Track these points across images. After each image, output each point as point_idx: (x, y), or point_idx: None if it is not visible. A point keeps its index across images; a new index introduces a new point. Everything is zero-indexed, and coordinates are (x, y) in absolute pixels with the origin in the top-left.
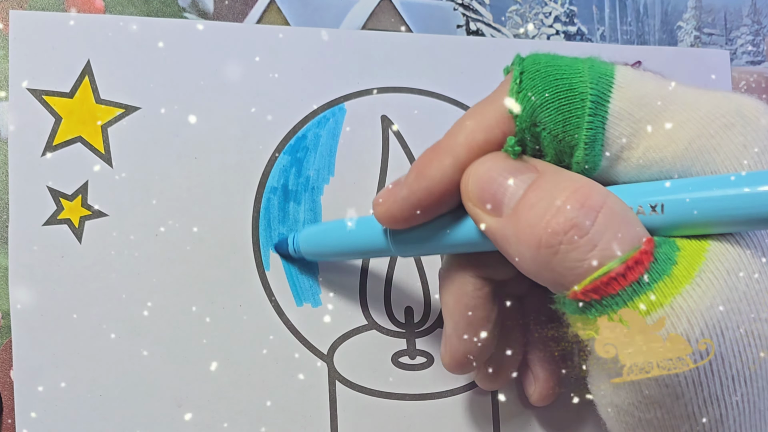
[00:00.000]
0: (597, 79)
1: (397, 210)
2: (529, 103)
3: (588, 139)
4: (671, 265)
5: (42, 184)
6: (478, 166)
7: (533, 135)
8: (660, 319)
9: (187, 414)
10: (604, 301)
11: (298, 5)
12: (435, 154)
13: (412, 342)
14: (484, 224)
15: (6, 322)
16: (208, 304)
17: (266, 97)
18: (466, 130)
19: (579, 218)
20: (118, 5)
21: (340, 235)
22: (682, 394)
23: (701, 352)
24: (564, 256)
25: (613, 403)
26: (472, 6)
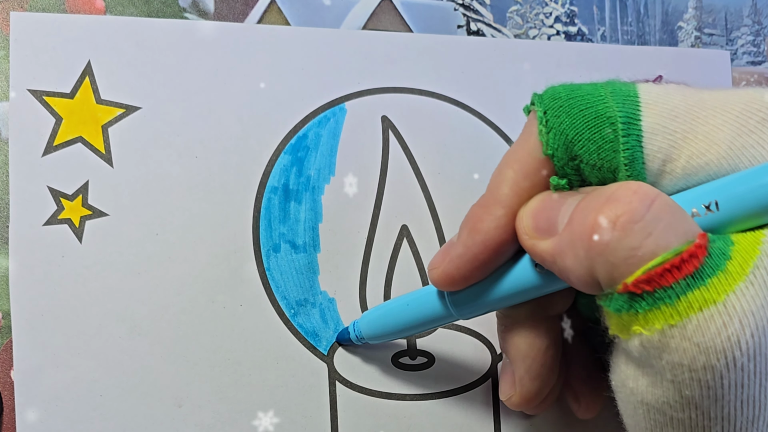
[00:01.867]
0: (622, 101)
1: (454, 269)
2: (562, 139)
3: (626, 160)
4: (725, 260)
5: (42, 184)
6: (529, 204)
7: (573, 169)
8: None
9: (187, 414)
10: (657, 294)
11: (298, 5)
12: (484, 208)
13: (412, 342)
14: (542, 251)
15: (6, 322)
16: (209, 304)
17: (267, 96)
18: (509, 180)
19: (633, 204)
20: (118, 6)
21: (399, 313)
22: (722, 396)
23: (749, 354)
24: (618, 244)
25: (645, 402)
26: (472, 6)
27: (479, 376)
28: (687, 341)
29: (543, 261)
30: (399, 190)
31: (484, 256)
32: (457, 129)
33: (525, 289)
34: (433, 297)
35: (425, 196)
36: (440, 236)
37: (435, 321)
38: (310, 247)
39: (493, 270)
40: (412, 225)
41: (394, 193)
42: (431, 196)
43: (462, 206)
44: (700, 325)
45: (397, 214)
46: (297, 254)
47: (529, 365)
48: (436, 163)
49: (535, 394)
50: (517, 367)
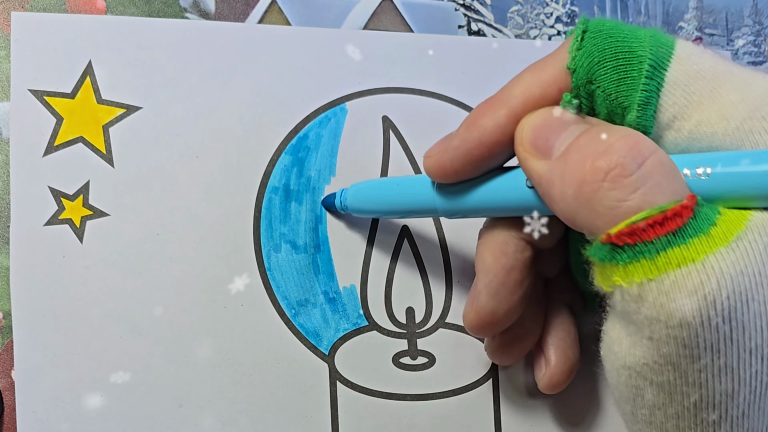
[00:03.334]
0: (657, 46)
1: (447, 160)
2: (588, 60)
3: (642, 101)
4: (710, 225)
5: (43, 184)
6: (534, 115)
7: (588, 93)
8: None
9: (187, 414)
10: (637, 248)
11: (299, 6)
12: (489, 106)
13: (413, 342)
14: (533, 169)
15: (7, 322)
16: (209, 304)
17: (268, 96)
18: (523, 83)
19: (626, 159)
20: (119, 6)
21: (388, 191)
22: (698, 357)
23: (724, 315)
24: (605, 194)
25: (627, 365)
26: (473, 6)
27: (480, 377)
28: (664, 296)
29: (531, 179)
30: None
31: (478, 152)
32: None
33: (511, 201)
34: (422, 184)
35: None
36: (440, 236)
37: (418, 209)
38: (311, 248)
39: (485, 170)
40: (413, 226)
41: None
42: None
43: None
44: (677, 281)
45: None
46: (298, 254)
47: (490, 280)
48: None
49: (488, 313)
50: (478, 280)
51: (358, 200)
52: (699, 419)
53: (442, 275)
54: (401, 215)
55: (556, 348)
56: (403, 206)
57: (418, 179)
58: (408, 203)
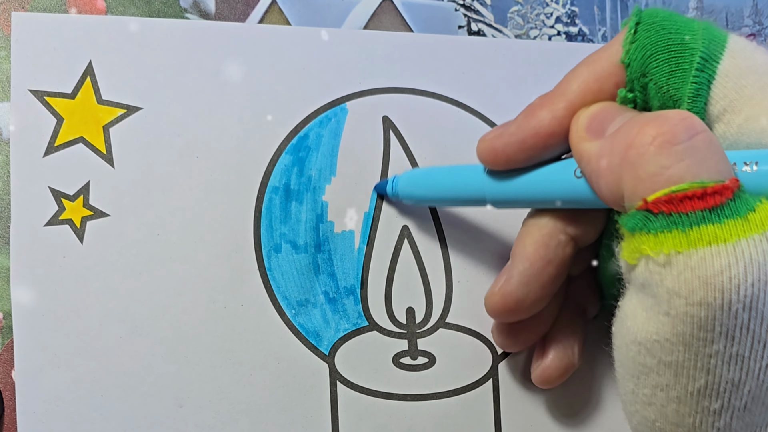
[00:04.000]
0: (710, 39)
1: (501, 146)
2: (642, 53)
3: (692, 93)
4: (748, 210)
5: (43, 184)
6: (591, 107)
7: (642, 86)
8: (717, 253)
9: (188, 414)
10: (672, 218)
11: (299, 6)
12: (548, 98)
13: (413, 343)
14: (584, 150)
15: (7, 322)
16: (210, 304)
17: (268, 96)
18: (580, 77)
19: (677, 128)
20: (119, 6)
21: (439, 179)
22: (712, 341)
23: (745, 302)
24: (651, 158)
25: (637, 340)
26: (473, 7)
27: (480, 377)
28: (689, 271)
29: (581, 160)
30: None
31: (532, 141)
32: (458, 129)
33: (559, 191)
34: (473, 171)
35: None
36: (441, 236)
37: (468, 198)
38: (311, 248)
39: (536, 161)
40: (413, 225)
41: None
42: None
43: (462, 206)
44: (705, 258)
45: (397, 214)
46: (298, 254)
47: (525, 268)
48: (437, 163)
49: (515, 299)
50: (513, 264)
51: (410, 187)
52: (701, 406)
53: (443, 275)
54: (451, 203)
55: (557, 344)
56: (453, 194)
57: (471, 168)
58: (458, 191)
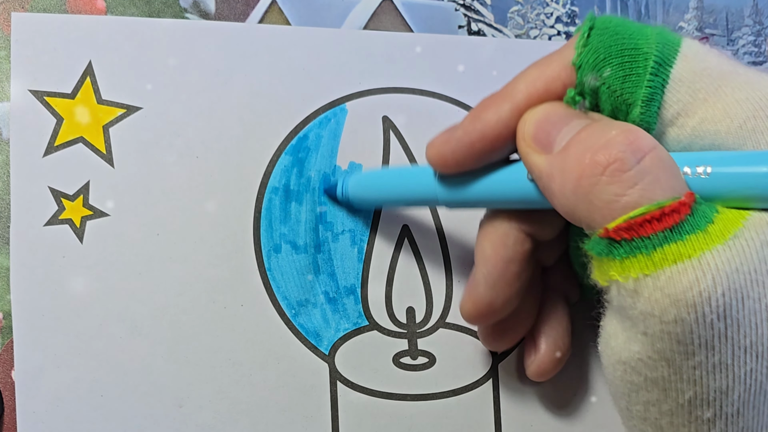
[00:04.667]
0: (663, 43)
1: (449, 151)
2: (594, 56)
3: (646, 97)
4: (707, 223)
5: (43, 184)
6: (536, 109)
7: (592, 90)
8: (684, 269)
9: (187, 414)
10: (634, 243)
11: (299, 6)
12: (493, 100)
13: (413, 342)
14: (534, 164)
15: (7, 322)
16: (210, 304)
17: (268, 97)
18: (527, 78)
19: (626, 154)
20: (119, 6)
21: (389, 181)
22: (693, 353)
23: (718, 312)
24: (603, 188)
25: (622, 360)
26: (473, 7)
27: (480, 377)
28: (659, 291)
29: (532, 173)
30: None
31: (480, 145)
32: None
33: (512, 194)
34: (424, 174)
35: None
36: (441, 236)
37: (418, 198)
38: (311, 248)
39: (486, 163)
40: (413, 225)
41: None
42: None
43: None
44: (673, 277)
45: (398, 214)
46: (298, 255)
47: (488, 271)
48: None
49: (486, 303)
50: (477, 270)
51: (360, 189)
52: (693, 416)
53: (443, 275)
54: (401, 204)
55: (546, 336)
56: (404, 196)
57: (420, 170)
58: (409, 193)
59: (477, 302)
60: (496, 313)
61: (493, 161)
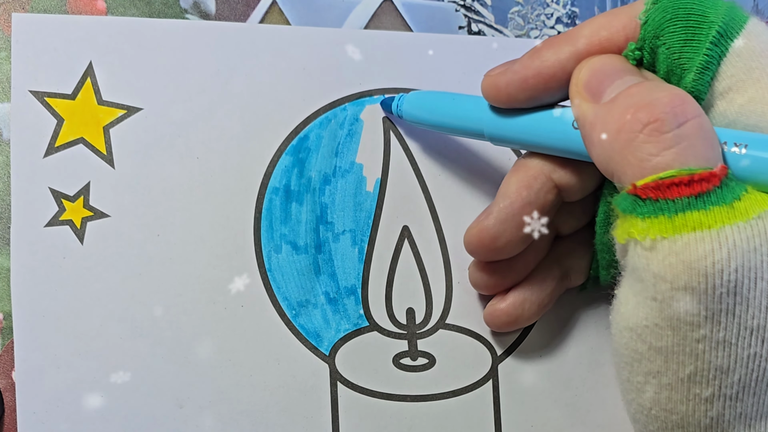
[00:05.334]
0: (730, 17)
1: (503, 82)
2: (661, 14)
3: (702, 65)
4: (733, 199)
5: (44, 185)
6: (594, 58)
7: (652, 48)
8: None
9: (188, 415)
10: (659, 204)
11: (300, 7)
12: (556, 40)
13: (413, 343)
14: (580, 110)
15: (8, 323)
16: (210, 305)
17: (268, 97)
18: (593, 25)
19: (668, 116)
20: (119, 7)
21: (443, 103)
22: (698, 325)
23: (729, 288)
24: (639, 146)
25: (629, 326)
26: (473, 7)
27: (480, 378)
28: (674, 256)
29: (577, 120)
30: (400, 191)
31: (534, 81)
32: None
33: (555, 138)
34: (477, 104)
35: (426, 198)
36: (441, 237)
37: (466, 127)
38: (312, 248)
39: (536, 103)
40: (413, 226)
41: (395, 194)
42: (432, 197)
43: (463, 207)
44: (689, 244)
45: (398, 215)
46: (298, 255)
47: (505, 206)
48: (437, 164)
49: (490, 236)
50: (494, 202)
51: (414, 107)
52: (692, 394)
53: (443, 276)
54: (451, 131)
55: (519, 293)
56: (454, 121)
57: (475, 99)
58: (459, 119)
59: (481, 232)
60: (496, 250)
61: (543, 102)
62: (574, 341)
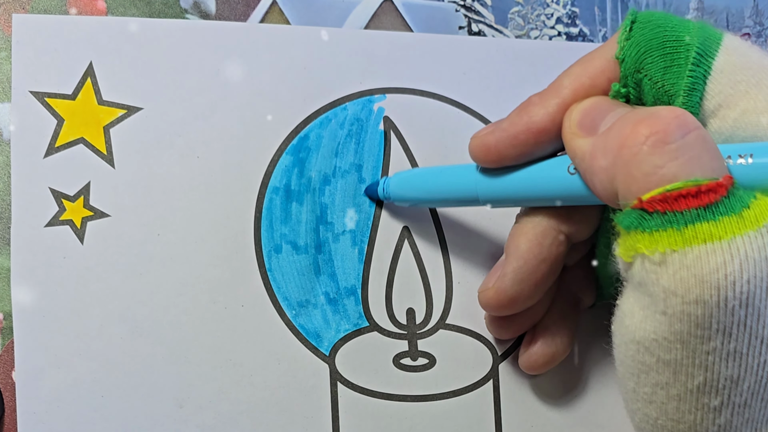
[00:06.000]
0: (705, 36)
1: (492, 142)
2: (636, 49)
3: (688, 87)
4: (742, 207)
5: (44, 185)
6: (584, 101)
7: (636, 82)
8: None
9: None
10: (667, 216)
11: (300, 7)
12: (540, 96)
13: (413, 343)
14: (577, 147)
15: (8, 323)
16: (210, 305)
17: (268, 97)
18: (572, 75)
19: (670, 127)
20: (120, 7)
21: (430, 179)
22: (709, 338)
23: (741, 299)
24: (644, 159)
25: (636, 339)
26: (473, 8)
27: (480, 378)
28: (685, 270)
29: (575, 157)
30: None
31: (524, 137)
32: (458, 130)
33: (553, 188)
34: (466, 171)
35: None
36: (441, 237)
37: (459, 197)
38: (312, 248)
39: (529, 157)
40: (414, 226)
41: None
42: None
43: (463, 207)
44: (701, 256)
45: (398, 215)
46: (298, 255)
47: (520, 266)
48: (437, 164)
49: (508, 297)
50: (508, 262)
51: (401, 188)
52: (701, 404)
53: (443, 276)
54: (443, 204)
55: (546, 332)
56: (445, 194)
57: (462, 168)
58: (450, 191)
59: (500, 294)
60: (516, 307)
61: (534, 158)
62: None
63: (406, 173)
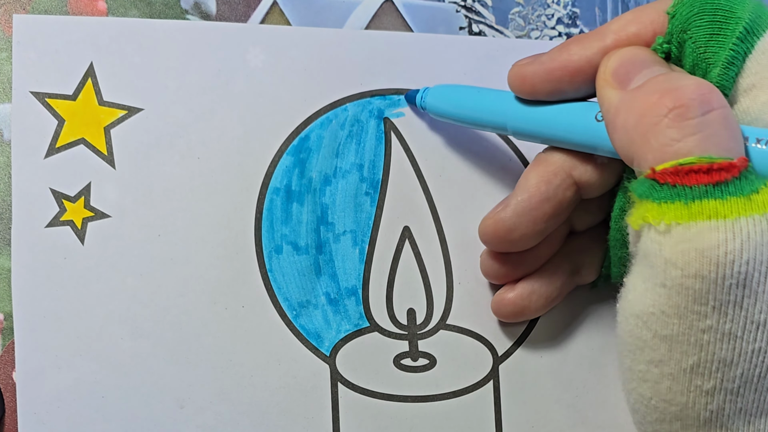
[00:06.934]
0: (757, 14)
1: (529, 72)
2: (689, 8)
3: (727, 60)
4: (751, 191)
5: (45, 186)
6: (624, 49)
7: (680, 42)
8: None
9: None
10: (676, 189)
11: (300, 7)
12: (585, 36)
13: (414, 344)
14: (606, 97)
15: (8, 323)
16: (211, 305)
17: (269, 97)
18: (621, 21)
19: (693, 103)
20: (120, 7)
21: (467, 97)
22: (705, 315)
23: (739, 279)
24: (662, 130)
25: (635, 313)
26: (474, 8)
27: (481, 378)
28: (687, 242)
29: (602, 106)
30: (401, 191)
31: (559, 74)
32: (459, 131)
33: (577, 131)
34: (501, 97)
35: (427, 198)
36: (441, 237)
37: (491, 121)
38: (312, 249)
39: (562, 95)
40: (414, 226)
41: (396, 195)
42: (433, 197)
43: (463, 208)
44: (703, 231)
45: (399, 215)
46: (299, 255)
47: (523, 199)
48: (438, 165)
49: (506, 228)
50: (513, 194)
51: (438, 99)
52: (693, 385)
53: (443, 276)
54: (473, 124)
55: (528, 285)
56: (477, 114)
57: (499, 93)
58: (483, 112)
59: (497, 223)
60: (510, 242)
61: (567, 97)
62: (576, 342)
63: (447, 86)
